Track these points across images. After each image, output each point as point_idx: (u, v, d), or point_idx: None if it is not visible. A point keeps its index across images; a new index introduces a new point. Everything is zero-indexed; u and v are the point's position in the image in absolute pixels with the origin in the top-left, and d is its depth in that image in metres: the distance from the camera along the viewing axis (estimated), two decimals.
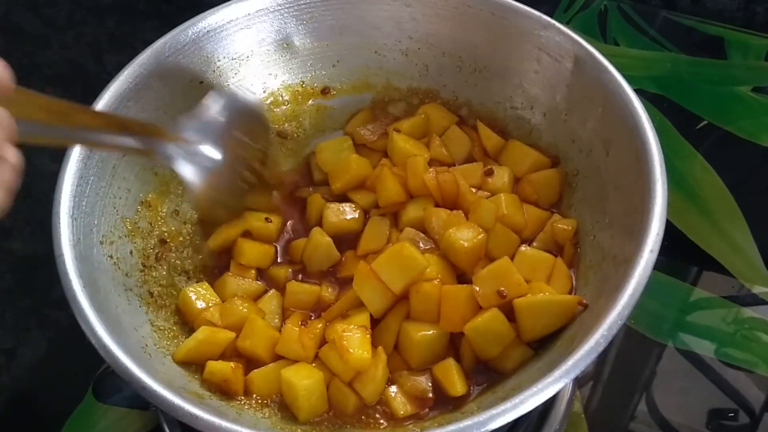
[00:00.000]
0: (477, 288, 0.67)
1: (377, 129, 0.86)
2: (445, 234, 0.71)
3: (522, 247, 0.72)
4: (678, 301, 0.90)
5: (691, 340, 0.87)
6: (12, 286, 0.96)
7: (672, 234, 0.92)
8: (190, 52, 0.78)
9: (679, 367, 0.85)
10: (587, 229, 0.73)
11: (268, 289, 0.76)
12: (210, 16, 0.79)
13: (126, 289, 0.69)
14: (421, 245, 0.73)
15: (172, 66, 0.77)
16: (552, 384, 0.54)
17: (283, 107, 0.86)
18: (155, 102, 0.76)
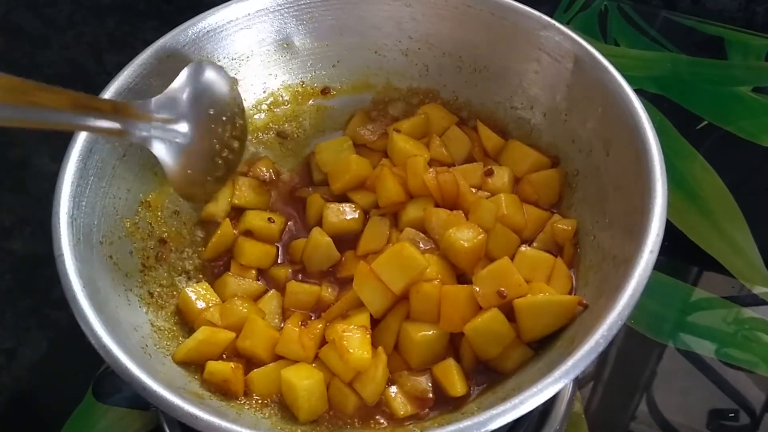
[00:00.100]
0: (477, 288, 0.67)
1: (377, 129, 0.85)
2: (445, 234, 0.71)
3: (522, 248, 0.72)
4: (678, 302, 0.90)
5: (692, 340, 0.87)
6: (12, 286, 0.96)
7: (672, 234, 0.92)
8: (190, 52, 0.78)
9: (680, 368, 0.85)
10: (587, 230, 0.73)
11: (268, 289, 0.76)
12: (210, 16, 0.79)
13: (126, 290, 0.69)
14: (421, 245, 0.73)
15: (172, 66, 0.77)
16: (552, 384, 0.54)
17: (283, 107, 0.86)
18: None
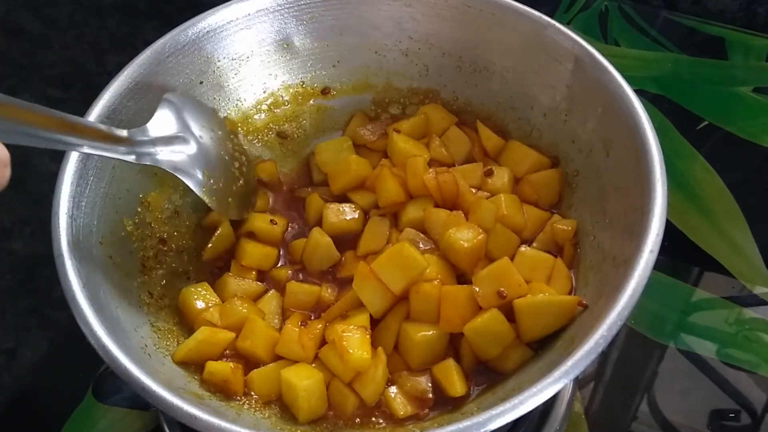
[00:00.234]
0: (477, 288, 0.67)
1: (377, 129, 0.85)
2: (445, 234, 0.70)
3: (522, 248, 0.72)
4: (679, 302, 0.90)
5: (693, 340, 0.87)
6: (12, 286, 0.96)
7: (672, 234, 0.92)
8: (190, 52, 0.78)
9: (681, 368, 0.85)
10: (587, 230, 0.73)
11: (267, 290, 0.76)
12: (210, 16, 0.79)
13: (126, 290, 0.69)
14: (421, 246, 0.73)
15: (172, 66, 0.77)
16: (552, 384, 0.54)
17: (284, 108, 0.86)
18: (155, 102, 0.76)
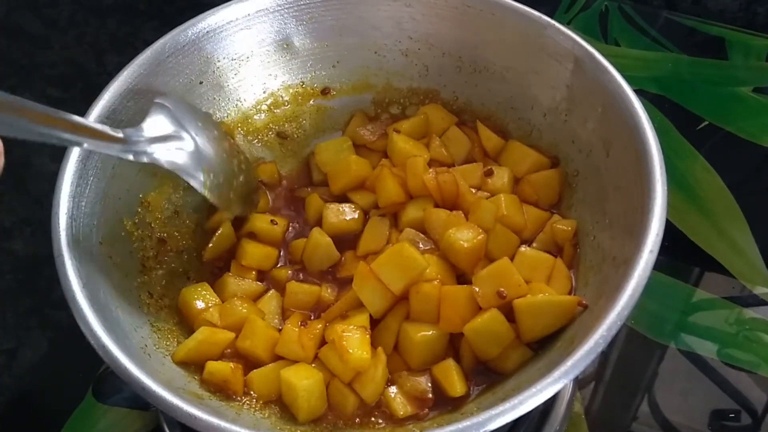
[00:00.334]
0: (477, 288, 0.67)
1: (377, 129, 0.85)
2: (445, 234, 0.70)
3: (522, 248, 0.72)
4: (679, 302, 0.90)
5: (693, 341, 0.87)
6: (13, 286, 0.96)
7: (673, 235, 0.92)
8: (190, 52, 0.78)
9: (681, 368, 0.85)
10: (587, 230, 0.73)
11: (268, 290, 0.76)
12: (210, 16, 0.79)
13: (126, 290, 0.69)
14: (421, 246, 0.73)
15: (172, 66, 0.77)
16: (551, 384, 0.54)
17: (283, 108, 0.86)
18: None
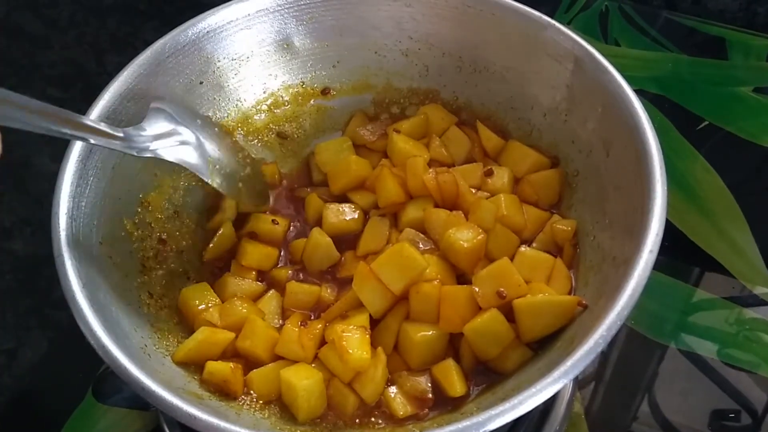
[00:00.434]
0: (477, 288, 0.67)
1: (377, 129, 0.85)
2: (445, 234, 0.70)
3: (522, 248, 0.72)
4: (680, 302, 0.90)
5: (693, 341, 0.87)
6: (13, 286, 0.96)
7: (673, 235, 0.92)
8: (190, 52, 0.78)
9: (681, 368, 0.85)
10: (587, 230, 0.73)
11: (268, 290, 0.76)
12: (210, 16, 0.79)
13: (125, 290, 0.69)
14: (421, 246, 0.73)
15: (172, 66, 0.77)
16: (551, 384, 0.54)
17: (284, 108, 0.86)
18: None
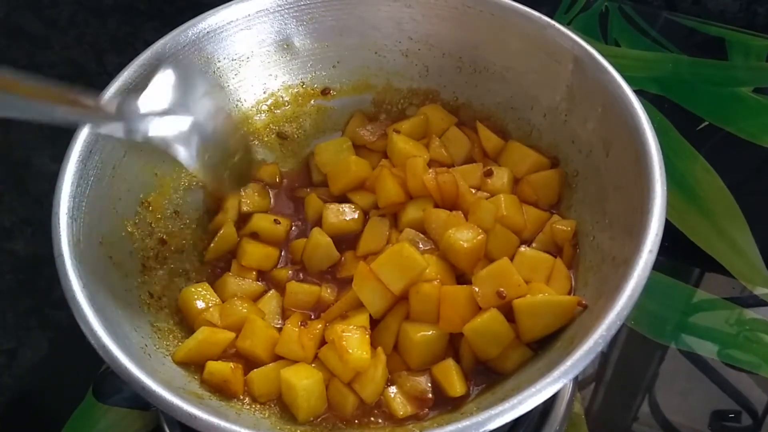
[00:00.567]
0: (476, 289, 0.67)
1: (377, 130, 0.85)
2: (445, 235, 0.71)
3: (521, 248, 0.72)
4: (680, 303, 0.90)
5: (694, 341, 0.87)
6: (13, 286, 0.96)
7: (673, 235, 0.92)
8: (190, 52, 0.78)
9: (682, 369, 0.85)
10: (587, 230, 0.73)
11: (268, 290, 0.76)
12: (210, 17, 0.79)
13: (126, 290, 0.69)
14: (421, 246, 0.73)
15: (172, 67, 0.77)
16: (551, 384, 0.54)
17: (284, 108, 0.86)
18: None
